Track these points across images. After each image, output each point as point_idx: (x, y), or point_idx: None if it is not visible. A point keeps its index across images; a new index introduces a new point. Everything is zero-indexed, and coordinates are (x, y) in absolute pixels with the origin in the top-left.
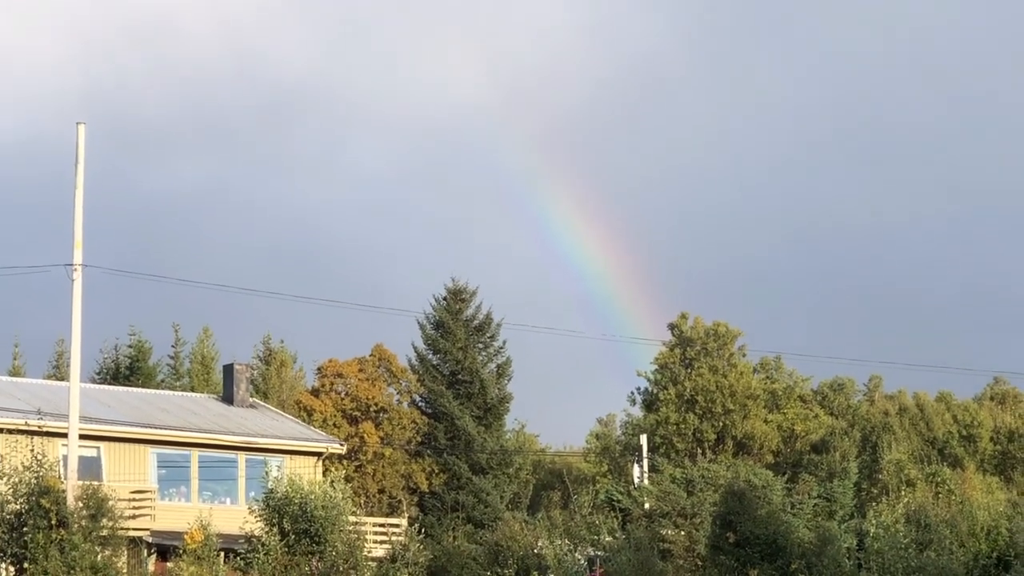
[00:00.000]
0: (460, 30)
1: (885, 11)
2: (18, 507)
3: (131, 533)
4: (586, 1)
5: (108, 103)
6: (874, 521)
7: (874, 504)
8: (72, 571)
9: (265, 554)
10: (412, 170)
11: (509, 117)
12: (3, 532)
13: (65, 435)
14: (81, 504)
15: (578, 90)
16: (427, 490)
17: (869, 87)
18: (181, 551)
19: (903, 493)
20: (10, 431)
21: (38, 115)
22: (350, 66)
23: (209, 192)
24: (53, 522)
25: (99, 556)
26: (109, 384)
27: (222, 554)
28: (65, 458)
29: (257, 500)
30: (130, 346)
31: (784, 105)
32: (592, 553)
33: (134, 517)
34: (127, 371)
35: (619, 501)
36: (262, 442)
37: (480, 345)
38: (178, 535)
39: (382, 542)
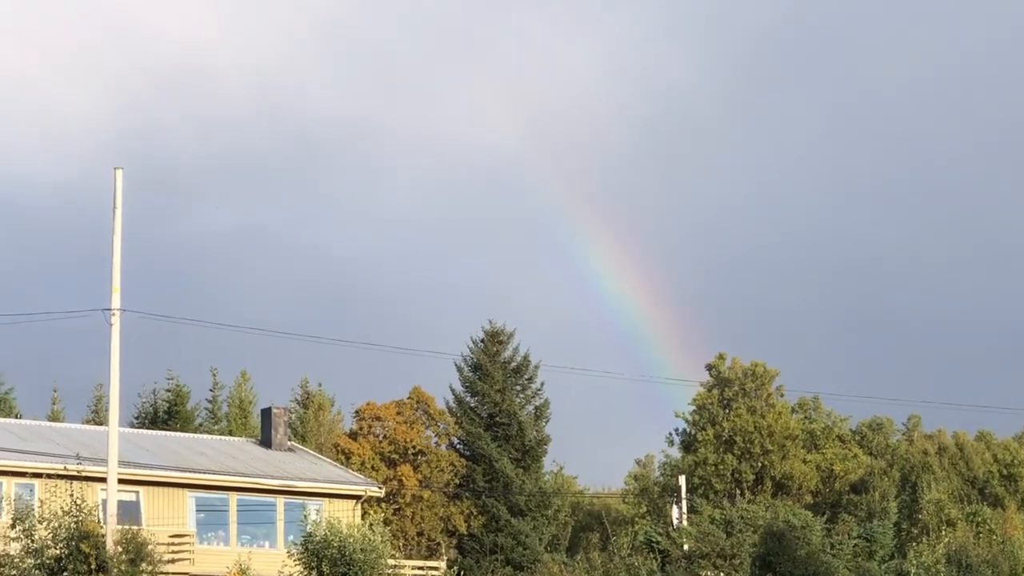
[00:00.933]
0: (494, 75)
1: (924, 51)
2: (58, 552)
3: None
4: (618, 45)
5: (142, 149)
6: (915, 561)
7: (914, 544)
8: None
9: None
10: (447, 212)
11: (543, 159)
12: None
13: (104, 480)
14: (120, 548)
15: (612, 133)
16: (465, 532)
17: (908, 129)
18: None
19: (943, 533)
20: (49, 476)
21: (74, 161)
22: (383, 111)
23: (244, 235)
24: (93, 567)
25: None
26: (148, 428)
27: None
28: (104, 503)
29: (296, 543)
30: (168, 390)
31: (821, 146)
32: None
33: (173, 561)
34: (165, 415)
35: (658, 543)
36: (301, 485)
37: (518, 387)
38: None
39: None
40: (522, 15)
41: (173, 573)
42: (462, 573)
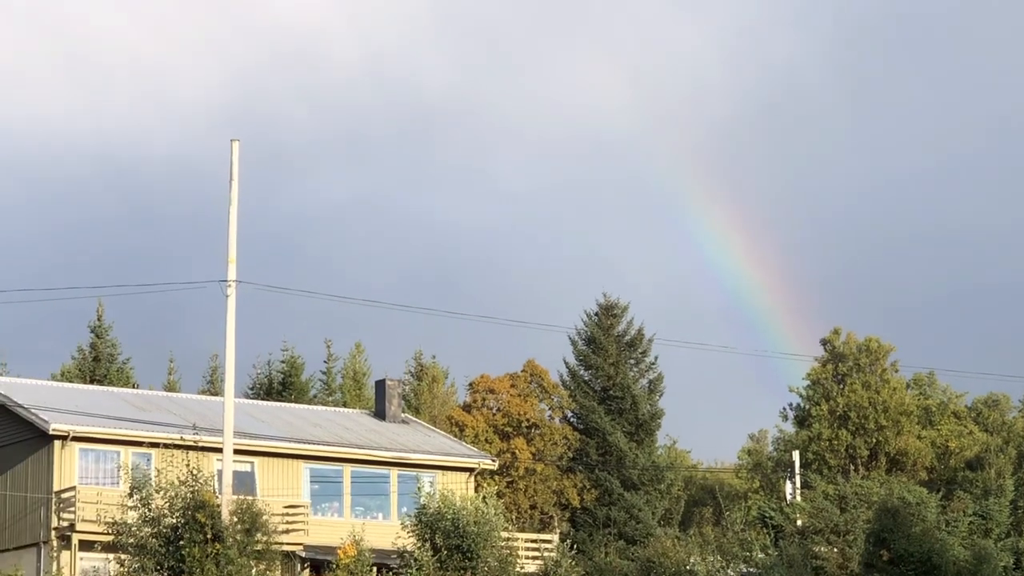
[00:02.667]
0: (601, 48)
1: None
2: (174, 521)
3: (285, 548)
4: (722, 20)
5: (254, 122)
6: None
7: None
8: None
9: (417, 569)
10: (558, 185)
11: (652, 134)
12: (160, 546)
13: (220, 450)
14: (236, 519)
15: (720, 106)
16: (578, 506)
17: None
18: (335, 566)
19: None
20: (166, 446)
21: (189, 136)
22: (493, 84)
23: (354, 208)
24: (209, 536)
25: (254, 570)
26: (262, 399)
27: (375, 569)
28: (220, 473)
29: (409, 516)
30: (283, 361)
31: (927, 112)
32: (744, 570)
33: (287, 532)
34: (280, 386)
35: (771, 518)
36: (414, 458)
37: (632, 361)
38: (331, 550)
39: (534, 558)
40: None
41: (287, 543)
42: (575, 546)
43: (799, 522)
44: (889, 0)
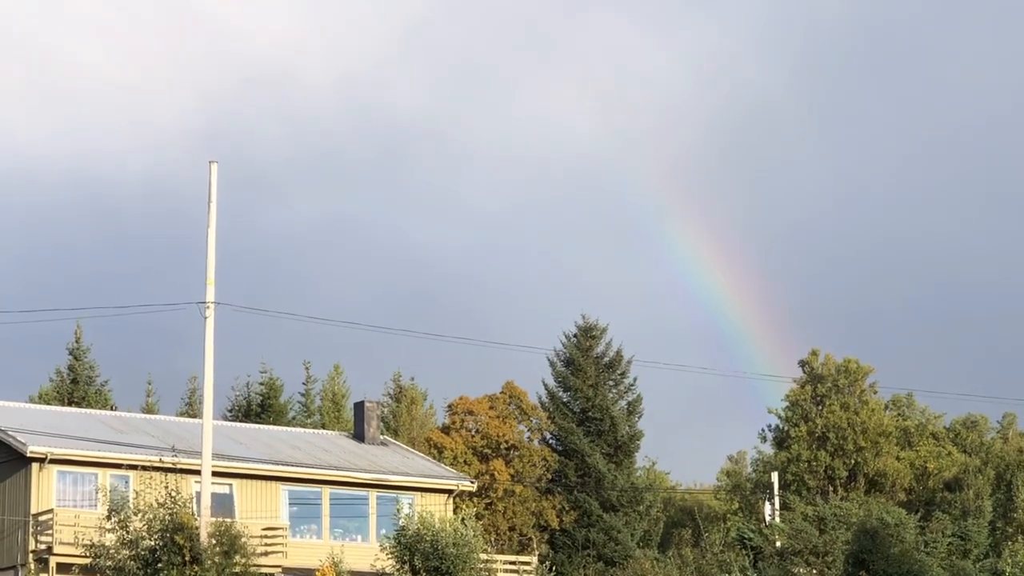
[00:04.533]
0: (570, 70)
1: (1004, 45)
2: (152, 543)
3: (263, 570)
4: (697, 45)
5: (229, 145)
6: (1010, 560)
7: (1010, 543)
8: None
9: None
10: (531, 205)
11: (625, 156)
12: (138, 568)
13: (198, 472)
14: (214, 541)
15: (689, 127)
16: (557, 528)
17: (995, 120)
18: None
19: None
20: (144, 468)
21: (165, 156)
22: (464, 107)
23: (329, 230)
24: (187, 558)
25: None
26: (241, 421)
27: None
28: (198, 495)
29: (388, 537)
30: (261, 383)
31: (896, 130)
32: None
33: (266, 554)
34: (259, 408)
35: (750, 539)
36: (393, 479)
37: (611, 382)
38: (310, 572)
39: None
40: (600, 16)
41: (266, 566)
42: (554, 568)
43: (778, 543)
44: (854, 20)
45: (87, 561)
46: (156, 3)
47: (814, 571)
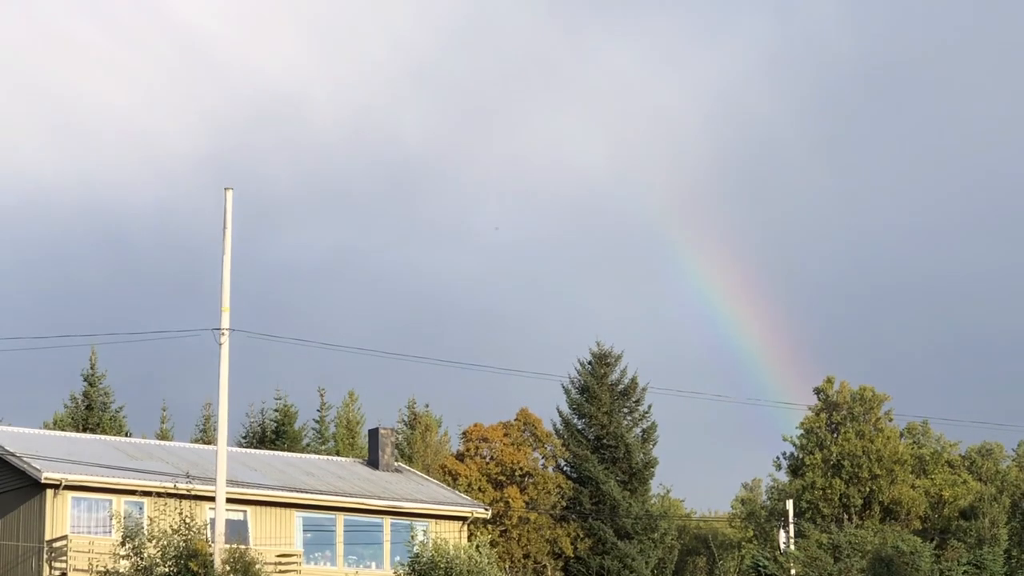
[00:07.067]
0: (580, 104)
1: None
2: (166, 570)
3: None
4: (701, 78)
5: (240, 179)
6: None
7: None
8: None
9: None
10: (542, 240)
11: (633, 186)
12: None
13: (213, 499)
14: (228, 567)
15: (702, 162)
16: (572, 555)
17: (1011, 155)
18: None
19: None
20: (159, 494)
21: (176, 189)
22: (474, 142)
23: (338, 260)
24: None
25: None
26: (255, 448)
27: None
28: (213, 521)
29: (402, 564)
30: (276, 410)
31: (905, 165)
32: None
33: None
34: (273, 435)
35: (765, 567)
36: (407, 506)
37: (625, 409)
38: None
39: None
40: (609, 53)
41: None
42: None
43: (793, 571)
44: (867, 54)
45: None
46: (169, 39)
47: None
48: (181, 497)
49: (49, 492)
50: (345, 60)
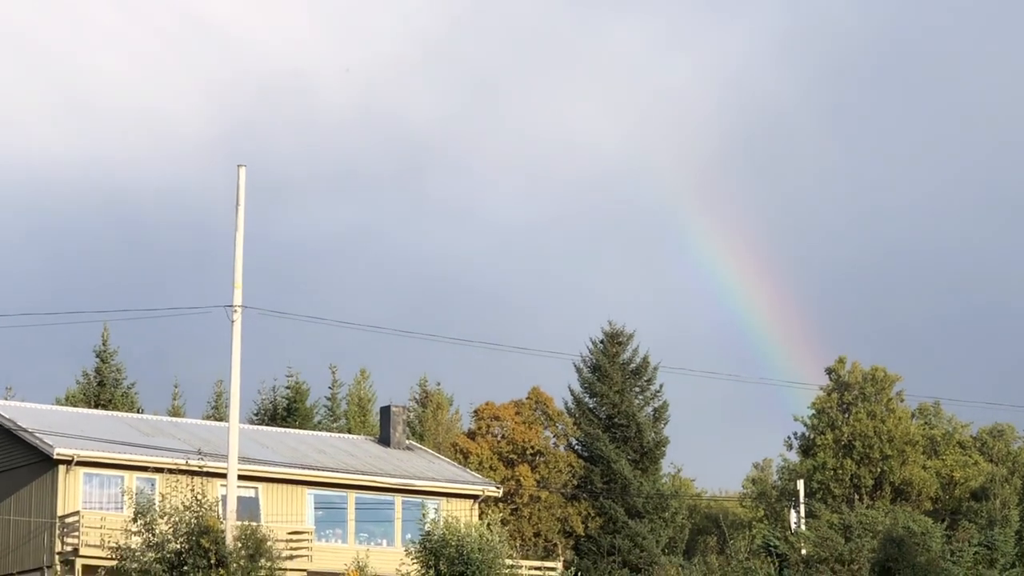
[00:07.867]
0: (589, 84)
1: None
2: (178, 546)
3: (288, 573)
4: (709, 56)
5: (250, 156)
6: None
7: None
8: None
9: None
10: (553, 219)
11: (646, 165)
12: (164, 571)
13: (224, 475)
14: (240, 544)
15: (712, 139)
16: (583, 534)
17: (1018, 122)
18: None
19: None
20: (170, 471)
21: (183, 165)
22: (484, 121)
23: (349, 238)
24: (212, 561)
25: None
26: (267, 425)
27: None
28: (224, 498)
29: (414, 542)
30: (287, 387)
31: (928, 151)
32: None
33: (291, 558)
34: (285, 412)
35: (776, 547)
36: (419, 484)
37: (637, 388)
38: None
39: None
40: (620, 31)
41: (291, 570)
42: (579, 574)
43: (804, 551)
44: (876, 29)
45: (113, 563)
46: (177, 16)
47: None
48: (193, 474)
49: (61, 468)
50: (355, 38)
